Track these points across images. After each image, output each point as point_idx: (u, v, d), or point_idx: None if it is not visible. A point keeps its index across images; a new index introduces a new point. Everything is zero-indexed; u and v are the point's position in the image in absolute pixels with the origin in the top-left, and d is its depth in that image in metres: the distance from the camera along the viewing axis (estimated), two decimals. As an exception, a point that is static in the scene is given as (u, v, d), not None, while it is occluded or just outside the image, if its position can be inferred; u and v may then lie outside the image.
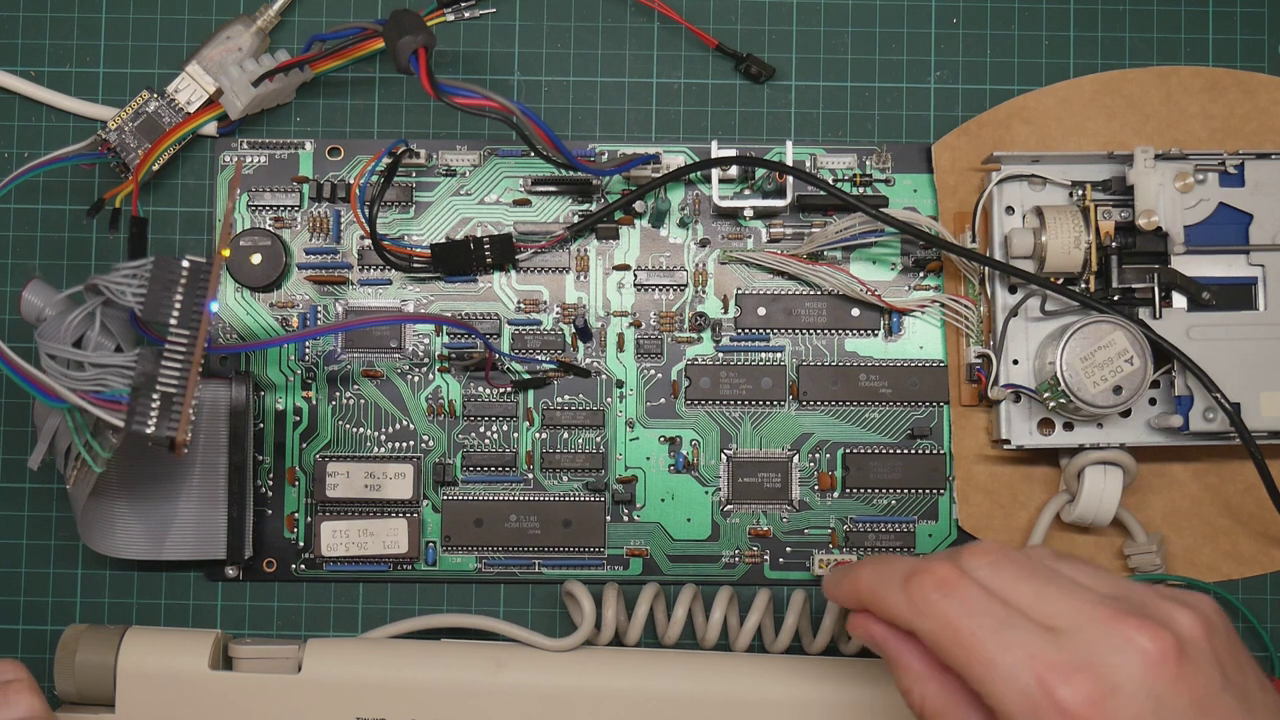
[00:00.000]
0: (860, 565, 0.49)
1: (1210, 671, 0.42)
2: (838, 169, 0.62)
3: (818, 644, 0.58)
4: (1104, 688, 0.41)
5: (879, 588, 0.47)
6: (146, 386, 0.50)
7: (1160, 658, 0.41)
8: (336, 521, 0.60)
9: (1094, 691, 0.41)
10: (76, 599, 0.61)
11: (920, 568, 0.45)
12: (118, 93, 0.62)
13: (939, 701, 0.45)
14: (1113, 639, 0.42)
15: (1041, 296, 0.58)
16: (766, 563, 0.61)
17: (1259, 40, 0.63)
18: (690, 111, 0.62)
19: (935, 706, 0.45)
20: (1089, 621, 0.42)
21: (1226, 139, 0.61)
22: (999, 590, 0.44)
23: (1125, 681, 0.41)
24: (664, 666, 0.57)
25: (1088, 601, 0.43)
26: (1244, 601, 0.61)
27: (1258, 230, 0.58)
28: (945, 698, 0.45)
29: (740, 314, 0.61)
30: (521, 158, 0.61)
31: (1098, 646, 0.42)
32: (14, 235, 0.62)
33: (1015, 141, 0.61)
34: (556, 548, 0.60)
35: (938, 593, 0.44)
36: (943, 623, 0.44)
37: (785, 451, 0.61)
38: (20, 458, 0.61)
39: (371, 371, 0.61)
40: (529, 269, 0.61)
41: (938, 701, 0.45)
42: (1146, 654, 0.41)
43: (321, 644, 0.58)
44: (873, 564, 0.48)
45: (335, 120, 0.62)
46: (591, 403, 0.61)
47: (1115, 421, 0.58)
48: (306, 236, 0.61)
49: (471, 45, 0.63)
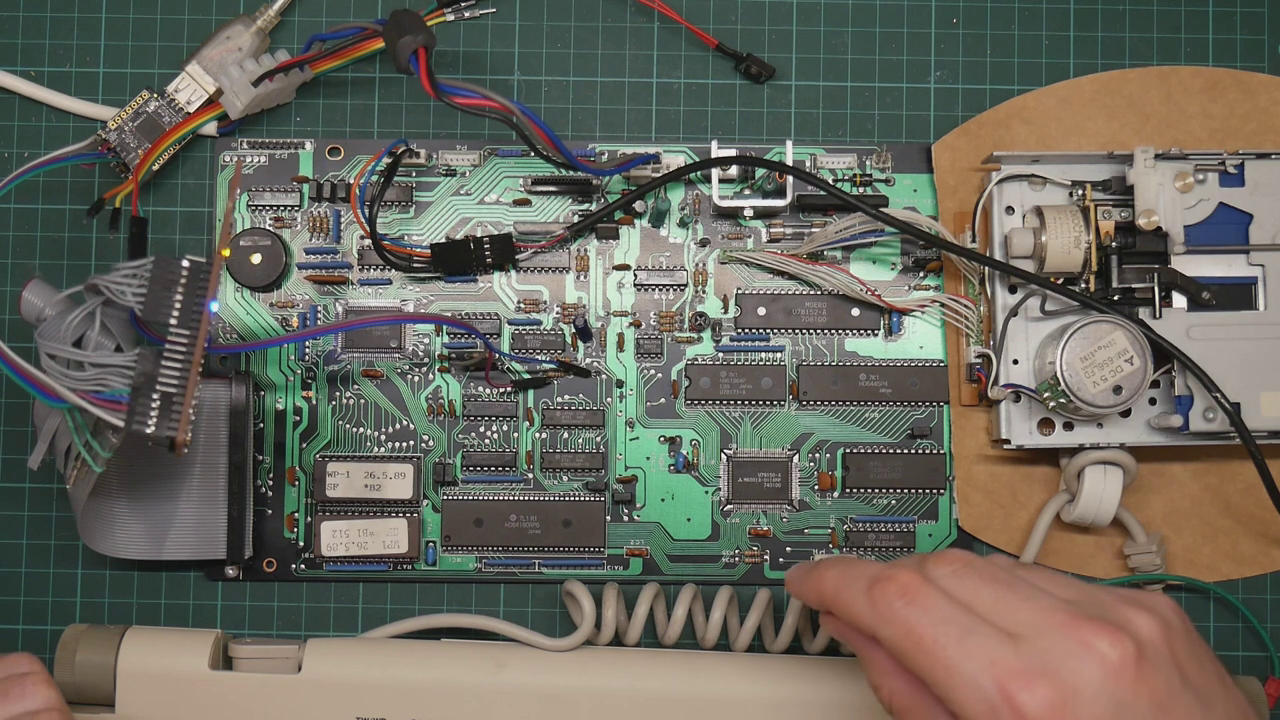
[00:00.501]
0: (824, 566, 0.49)
1: (1169, 673, 0.42)
2: (838, 169, 0.62)
3: (817, 644, 0.58)
4: (1064, 693, 0.41)
5: (843, 592, 0.47)
6: (146, 386, 0.50)
7: (1119, 662, 0.42)
8: (336, 521, 0.60)
9: (1054, 697, 0.41)
10: (76, 599, 0.61)
11: (884, 574, 0.45)
12: (118, 93, 0.62)
13: (906, 698, 0.45)
14: (1072, 644, 0.42)
15: (1041, 296, 0.58)
16: (766, 563, 0.61)
17: (1259, 40, 0.63)
18: (690, 111, 0.62)
19: (903, 703, 0.46)
20: (1049, 627, 0.43)
21: (1226, 139, 0.61)
22: (961, 597, 0.44)
23: (1085, 686, 0.41)
24: (664, 666, 0.57)
25: (1048, 607, 0.43)
26: (1244, 601, 0.61)
27: (1258, 230, 0.58)
28: (912, 695, 0.45)
29: (740, 314, 0.61)
30: (521, 158, 0.61)
31: (1057, 652, 0.42)
32: (14, 235, 0.62)
33: (1015, 141, 0.61)
34: (556, 548, 0.60)
35: (901, 600, 0.44)
36: (905, 629, 0.44)
37: (785, 451, 0.61)
38: (20, 458, 0.61)
39: (371, 371, 0.61)
40: (529, 269, 0.61)
41: (905, 698, 0.46)
42: (1105, 659, 0.42)
43: (321, 644, 0.58)
44: (836, 566, 0.48)
45: (335, 120, 0.62)
46: (591, 403, 0.61)
47: (1115, 421, 0.58)
48: (306, 236, 0.61)
49: (471, 45, 0.63)
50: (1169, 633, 0.43)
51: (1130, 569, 0.60)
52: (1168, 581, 0.60)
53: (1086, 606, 0.44)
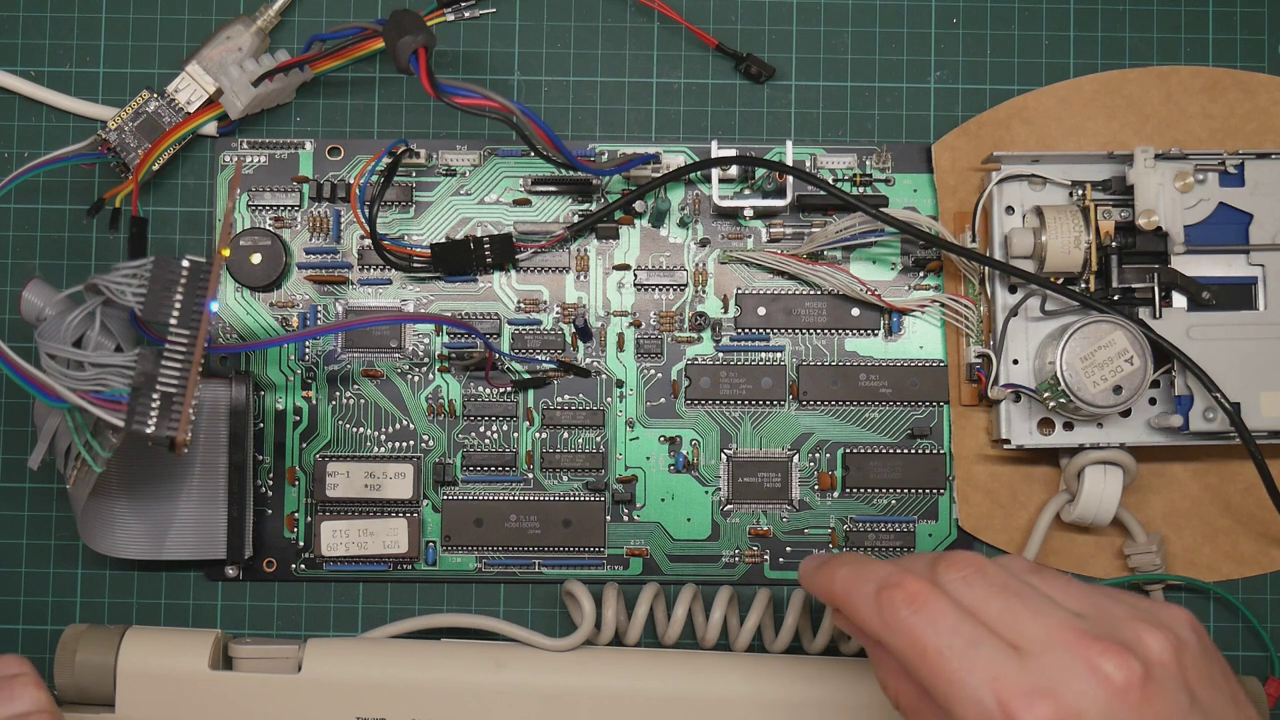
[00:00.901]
0: (835, 564, 0.48)
1: (1177, 696, 0.42)
2: (838, 169, 0.62)
3: (817, 644, 0.58)
4: (1065, 714, 0.40)
5: (851, 594, 0.46)
6: (146, 386, 0.50)
7: (1125, 685, 0.41)
8: (336, 521, 0.60)
9: (1055, 717, 0.40)
10: (76, 599, 0.61)
11: (893, 580, 0.45)
12: (118, 93, 0.62)
13: (913, 700, 0.45)
14: (1077, 664, 0.41)
15: (1041, 296, 0.58)
16: (766, 563, 0.61)
17: (1259, 40, 0.63)
18: (690, 111, 0.62)
19: (910, 704, 0.45)
20: (1055, 644, 0.42)
21: (1226, 139, 0.61)
22: (970, 605, 0.44)
23: (1088, 708, 0.41)
24: (664, 666, 0.57)
25: (1056, 623, 0.42)
26: (1244, 601, 0.61)
27: (1258, 230, 0.58)
28: (919, 698, 0.45)
29: (740, 314, 0.61)
30: (521, 158, 0.61)
31: (1062, 671, 0.41)
32: (14, 235, 0.62)
33: (1015, 141, 0.61)
34: (556, 547, 0.60)
35: (908, 608, 0.44)
36: (910, 639, 0.43)
37: (785, 451, 0.61)
38: (20, 458, 0.61)
39: (371, 371, 0.61)
40: (529, 269, 0.61)
41: (912, 699, 0.45)
42: (1111, 681, 0.41)
43: (321, 644, 0.58)
44: (848, 566, 0.47)
45: (335, 120, 0.62)
46: (591, 403, 0.61)
47: (1115, 421, 0.58)
48: (306, 236, 0.61)
49: (471, 45, 0.63)
50: (1181, 651, 0.43)
51: (1130, 569, 0.60)
52: (1168, 581, 0.60)
53: (1097, 623, 0.43)
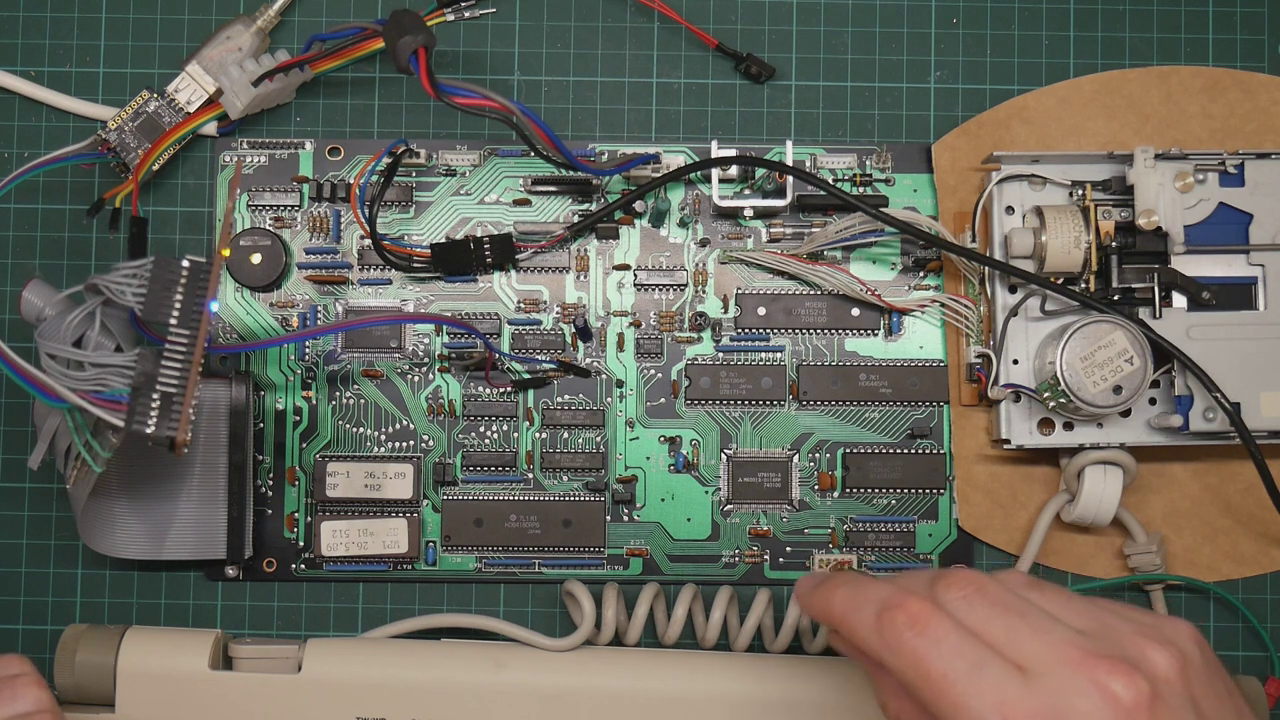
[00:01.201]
0: (833, 585, 0.47)
1: (1184, 713, 0.41)
2: (838, 169, 0.62)
3: (818, 644, 0.58)
4: None
5: (850, 616, 0.46)
6: (146, 386, 0.50)
7: (1134, 704, 0.40)
8: (336, 521, 0.60)
9: None
10: (76, 599, 0.61)
11: (894, 602, 0.44)
12: (118, 93, 0.62)
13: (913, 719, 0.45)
14: (1083, 684, 0.41)
15: (1041, 296, 0.58)
16: (766, 563, 0.61)
17: (1259, 40, 0.63)
18: (690, 111, 0.62)
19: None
20: (1060, 663, 0.41)
21: (1226, 139, 0.61)
22: (973, 626, 0.43)
23: None
24: (664, 666, 0.57)
25: (1060, 641, 0.42)
26: (1244, 601, 0.61)
27: (1258, 230, 0.58)
28: (920, 717, 0.44)
29: (740, 314, 0.61)
30: (521, 158, 0.61)
31: (1068, 692, 0.41)
32: (14, 235, 0.62)
33: (1015, 141, 0.61)
34: (556, 547, 0.60)
35: (910, 630, 0.43)
36: (913, 662, 0.43)
37: (785, 451, 0.61)
38: (20, 458, 0.61)
39: (371, 371, 0.61)
40: (529, 269, 0.61)
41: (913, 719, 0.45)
42: (1119, 700, 0.40)
43: (321, 644, 0.58)
44: (846, 586, 0.47)
45: (335, 120, 0.62)
46: (591, 403, 0.61)
47: (1115, 421, 0.58)
48: (306, 236, 0.61)
49: (471, 45, 0.63)
50: (1187, 668, 0.42)
51: (1130, 569, 0.60)
52: (1168, 581, 0.60)
53: (1101, 640, 0.42)
